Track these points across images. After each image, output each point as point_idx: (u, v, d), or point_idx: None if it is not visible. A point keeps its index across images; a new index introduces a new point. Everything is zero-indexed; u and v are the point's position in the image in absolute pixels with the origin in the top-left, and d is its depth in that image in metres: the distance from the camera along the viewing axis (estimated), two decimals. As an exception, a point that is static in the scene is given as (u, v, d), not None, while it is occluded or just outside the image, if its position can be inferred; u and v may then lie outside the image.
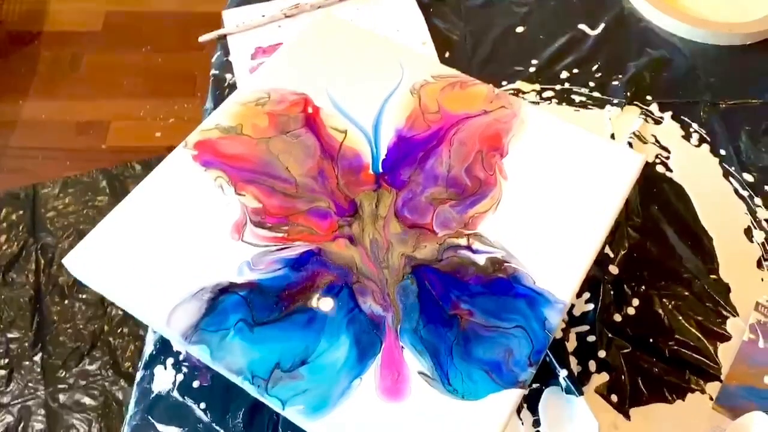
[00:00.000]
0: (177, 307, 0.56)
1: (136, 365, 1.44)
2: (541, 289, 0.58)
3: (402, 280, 0.58)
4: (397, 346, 0.55)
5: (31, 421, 1.39)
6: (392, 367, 0.54)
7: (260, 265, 0.59)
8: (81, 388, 1.42)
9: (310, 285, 0.58)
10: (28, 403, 1.41)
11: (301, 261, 0.59)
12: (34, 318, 1.51)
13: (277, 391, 0.53)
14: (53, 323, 1.50)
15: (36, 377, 1.44)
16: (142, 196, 0.63)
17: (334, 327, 0.56)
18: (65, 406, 1.41)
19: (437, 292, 0.57)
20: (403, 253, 0.59)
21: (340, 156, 0.65)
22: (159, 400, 0.66)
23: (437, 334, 0.55)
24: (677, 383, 0.67)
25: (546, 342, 0.55)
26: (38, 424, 1.39)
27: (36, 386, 1.43)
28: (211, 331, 0.55)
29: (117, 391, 1.41)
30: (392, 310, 0.56)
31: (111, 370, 1.44)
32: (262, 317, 0.56)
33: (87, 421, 1.39)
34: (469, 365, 0.54)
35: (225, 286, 0.57)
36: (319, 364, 0.54)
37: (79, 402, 1.41)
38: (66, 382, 1.44)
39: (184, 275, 0.58)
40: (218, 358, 0.54)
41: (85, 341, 1.48)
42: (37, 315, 1.51)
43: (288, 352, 0.54)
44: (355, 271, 0.59)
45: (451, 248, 0.60)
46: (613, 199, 0.63)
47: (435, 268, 0.59)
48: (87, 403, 1.41)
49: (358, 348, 0.55)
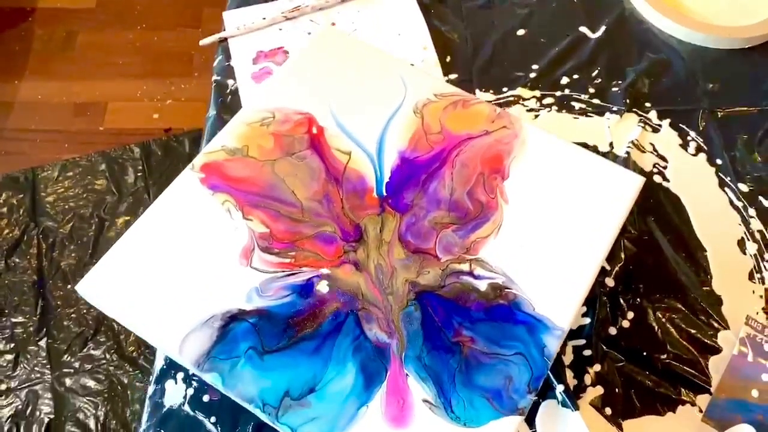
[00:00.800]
0: (189, 335, 0.58)
1: (139, 350, 1.48)
2: (541, 315, 0.60)
3: (406, 307, 0.60)
4: (401, 373, 0.57)
5: (38, 405, 1.42)
6: (397, 395, 0.56)
7: (269, 291, 0.60)
8: (86, 372, 1.46)
9: (317, 312, 0.60)
10: (35, 387, 1.44)
11: (308, 287, 0.61)
12: (38, 303, 1.53)
13: (288, 418, 0.55)
14: (57, 308, 1.53)
15: (42, 361, 1.47)
16: (151, 220, 0.64)
17: (340, 355, 0.58)
18: (72, 390, 1.44)
19: (440, 319, 0.59)
20: (407, 279, 0.61)
21: (344, 179, 0.66)
22: (171, 415, 0.68)
23: (440, 361, 0.58)
24: (668, 395, 0.69)
25: (545, 369, 0.58)
26: (46, 407, 1.42)
27: (42, 370, 1.46)
28: (223, 359, 0.57)
29: (122, 375, 1.44)
30: (397, 338, 0.59)
31: (115, 355, 1.47)
32: (272, 345, 0.58)
33: (93, 404, 1.42)
34: (471, 392, 0.56)
35: (235, 314, 0.59)
36: (327, 392, 0.56)
37: (85, 386, 1.44)
38: (71, 366, 1.47)
39: (194, 302, 0.60)
40: (230, 386, 0.56)
41: (89, 326, 1.51)
42: (40, 300, 1.54)
43: (297, 380, 0.57)
44: (361, 298, 0.60)
45: (453, 274, 0.62)
46: (612, 222, 0.65)
47: (438, 294, 0.61)
48: (93, 387, 1.44)
49: (364, 375, 0.57)
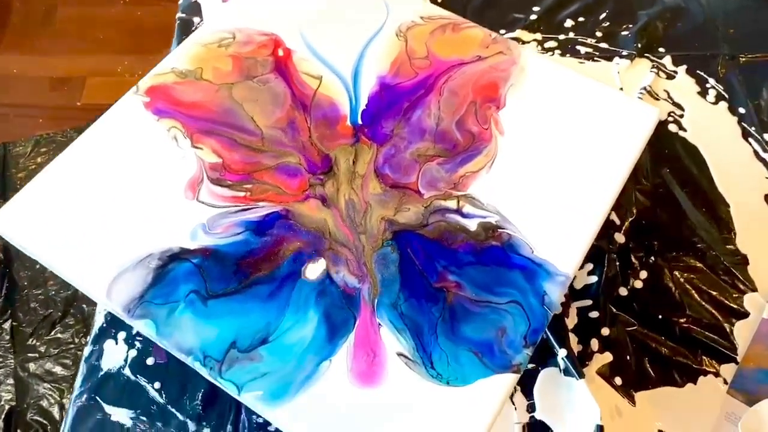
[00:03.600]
0: (119, 276, 0.49)
1: (110, 334, 1.38)
2: (541, 259, 0.50)
3: (381, 248, 0.50)
4: (373, 323, 0.47)
5: (-1, 391, 1.32)
6: (367, 348, 0.47)
7: (217, 228, 0.51)
8: (52, 357, 1.35)
9: (275, 252, 0.50)
10: (-4, 372, 1.34)
11: (265, 224, 0.51)
12: (3, 283, 1.43)
13: (233, 374, 0.45)
14: (23, 289, 1.43)
15: (4, 345, 1.37)
16: (84, 148, 0.54)
17: (300, 301, 0.48)
18: (35, 376, 1.34)
19: (421, 262, 0.50)
20: (383, 217, 0.52)
21: (313, 105, 0.57)
22: (108, 379, 0.59)
23: (420, 310, 0.48)
24: (688, 365, 0.60)
25: (545, 320, 0.48)
26: (6, 394, 1.32)
27: (5, 355, 1.36)
28: (158, 303, 0.48)
29: (90, 361, 1.34)
30: (369, 282, 0.49)
31: (84, 339, 1.37)
32: (218, 289, 0.48)
33: (58, 390, 1.32)
34: (456, 346, 0.47)
35: (175, 253, 0.50)
36: (282, 343, 0.47)
37: (51, 371, 1.34)
38: (37, 350, 1.37)
39: (129, 239, 0.50)
40: (165, 335, 0.47)
41: (57, 308, 1.41)
42: (6, 280, 1.44)
43: (246, 329, 0.47)
44: (328, 237, 0.51)
45: (438, 211, 0.52)
46: (624, 160, 0.55)
47: (419, 234, 0.51)
48: (58, 373, 1.34)
49: (327, 325, 0.47)
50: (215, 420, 0.57)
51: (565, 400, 0.58)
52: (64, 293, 1.46)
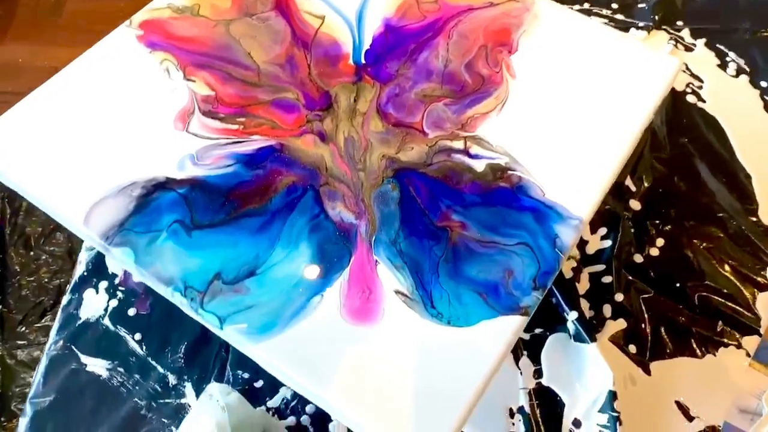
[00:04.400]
0: (99, 203, 0.45)
1: (102, 323, 1.34)
2: (552, 202, 0.46)
3: (381, 185, 0.47)
4: (369, 259, 0.44)
5: (-16, 378, 1.28)
6: (362, 284, 0.43)
7: (207, 159, 0.48)
8: (41, 346, 1.31)
9: (267, 186, 0.47)
10: (-17, 358, 1.30)
11: (257, 158, 0.48)
12: (-5, 269, 1.40)
13: (216, 306, 0.42)
14: (15, 275, 1.39)
15: (-7, 331, 1.33)
16: (71, 76, 0.52)
17: (292, 234, 0.45)
18: (23, 363, 1.29)
19: (423, 201, 0.46)
20: (384, 155, 0.48)
21: (314, 43, 0.54)
22: (86, 329, 0.55)
23: (421, 248, 0.44)
24: (707, 335, 0.56)
25: (556, 263, 0.44)
26: (-8, 382, 1.28)
27: (-7, 341, 1.32)
28: (139, 232, 0.44)
29: (80, 350, 1.30)
30: (366, 218, 0.45)
31: (75, 328, 1.33)
32: (204, 219, 0.45)
33: (45, 380, 1.27)
34: (458, 286, 0.43)
35: (160, 182, 0.46)
36: (271, 276, 0.43)
37: (39, 359, 1.30)
38: (26, 338, 1.33)
39: (112, 168, 0.47)
40: (145, 263, 0.43)
41: (49, 296, 1.37)
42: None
43: (233, 260, 0.43)
44: (324, 173, 0.47)
45: (443, 151, 0.49)
46: (643, 108, 0.52)
47: (422, 172, 0.48)
48: (46, 362, 1.30)
49: (321, 259, 0.44)
50: (198, 374, 0.53)
51: (575, 367, 0.54)
52: (56, 280, 1.42)
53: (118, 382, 0.53)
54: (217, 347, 0.54)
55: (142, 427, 0.51)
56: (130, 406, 0.52)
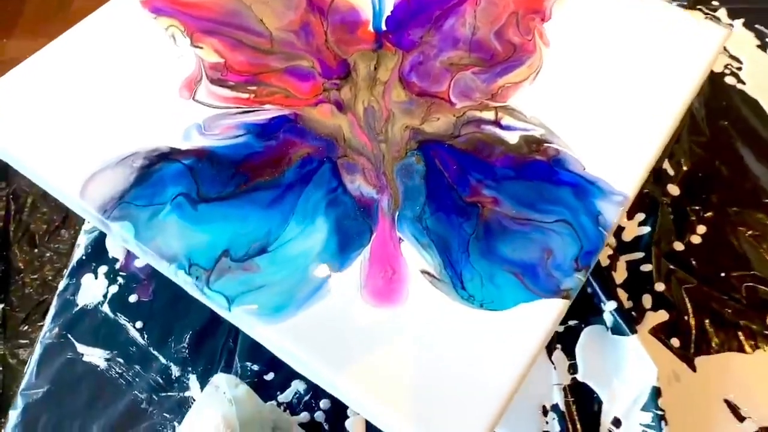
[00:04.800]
0: (97, 174, 0.41)
1: (106, 322, 1.30)
2: (594, 176, 0.42)
3: (404, 158, 0.43)
4: (393, 237, 0.40)
5: (-15, 378, 1.24)
6: (385, 263, 0.39)
7: (215, 129, 0.44)
8: (44, 345, 1.28)
9: (280, 157, 0.43)
10: (-16, 357, 1.26)
11: (270, 128, 0.44)
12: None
13: (223, 285, 0.38)
14: (19, 272, 1.36)
15: (-5, 330, 1.29)
16: (70, 42, 0.48)
17: (308, 209, 0.40)
18: (25, 363, 1.26)
19: (451, 174, 0.42)
20: (407, 126, 0.44)
21: (331, 9, 0.50)
22: (83, 316, 0.51)
23: (449, 225, 0.40)
24: (756, 330, 0.51)
25: (599, 242, 0.40)
26: (-7, 381, 1.24)
27: (-5, 340, 1.28)
28: (140, 205, 0.40)
29: (83, 350, 1.26)
30: (389, 193, 0.41)
31: (78, 327, 1.29)
32: (211, 192, 0.41)
33: (47, 380, 1.24)
34: (492, 265, 0.39)
35: (164, 152, 0.42)
36: (284, 254, 0.39)
37: (40, 358, 1.26)
38: (28, 337, 1.29)
39: (112, 137, 0.43)
40: (145, 238, 0.39)
41: (53, 294, 1.33)
42: (2, 263, 1.37)
43: (242, 236, 0.39)
44: (342, 144, 0.43)
45: (472, 122, 0.45)
46: (689, 78, 0.47)
47: (450, 145, 0.44)
48: (49, 361, 1.26)
49: (339, 236, 0.39)
50: (203, 365, 0.49)
51: (613, 362, 0.49)
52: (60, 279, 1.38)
53: (116, 373, 0.49)
54: (224, 337, 0.50)
55: (142, 422, 0.47)
56: (129, 399, 0.48)
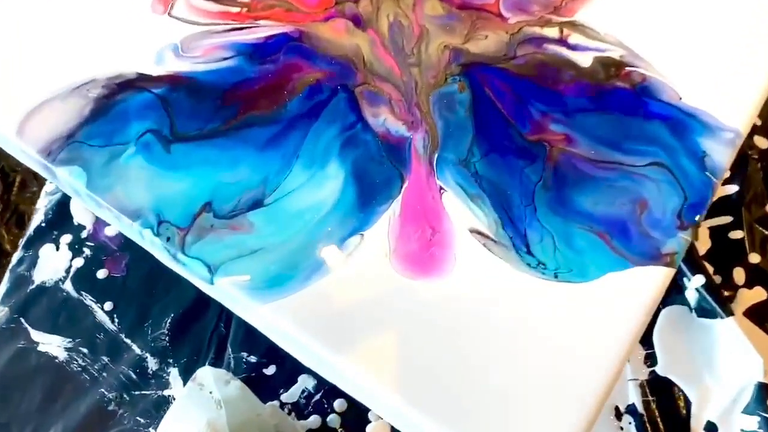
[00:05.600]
0: (42, 106, 0.31)
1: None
2: (693, 108, 0.32)
3: (444, 85, 0.33)
4: (431, 186, 0.29)
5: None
6: (422, 220, 0.29)
7: (195, 50, 0.33)
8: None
9: (280, 85, 0.32)
10: (-31, 344, 1.17)
11: (267, 48, 0.34)
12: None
13: (203, 249, 0.28)
14: (7, 255, 1.27)
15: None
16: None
17: (317, 150, 0.30)
18: (13, 351, 1.17)
19: (507, 106, 0.32)
20: (446, 45, 0.34)
21: None
22: (40, 295, 0.41)
23: (507, 170, 0.30)
24: None
25: (708, 191, 0.30)
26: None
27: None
28: (96, 145, 0.30)
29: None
30: (424, 129, 0.31)
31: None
32: (189, 129, 0.31)
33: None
34: (567, 222, 0.29)
35: (129, 79, 0.32)
36: (285, 207, 0.29)
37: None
38: (17, 323, 1.20)
39: (64, 60, 0.33)
40: (101, 188, 0.29)
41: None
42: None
43: (230, 185, 0.29)
44: (362, 68, 0.33)
45: (531, 41, 0.34)
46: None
47: (503, 68, 0.33)
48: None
49: (359, 185, 0.29)
50: (187, 356, 0.39)
51: (701, 351, 0.39)
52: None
53: (79, 366, 0.39)
54: (213, 321, 0.40)
55: (109, 427, 0.37)
56: (95, 398, 0.38)
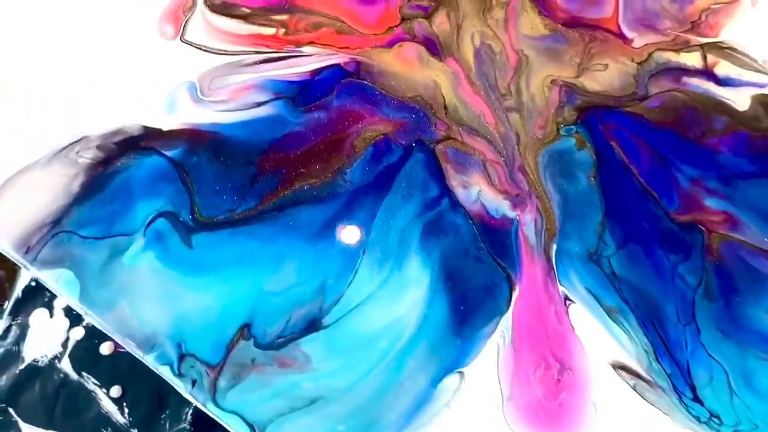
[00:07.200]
0: (14, 179, 0.23)
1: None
2: None
3: (556, 139, 0.24)
4: (553, 294, 0.21)
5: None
6: (544, 350, 0.21)
7: (219, 91, 0.25)
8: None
9: (335, 141, 0.24)
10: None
11: (316, 87, 0.25)
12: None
13: (241, 399, 0.20)
14: None
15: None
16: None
17: (391, 240, 0.22)
18: None
19: (644, 169, 0.24)
20: (553, 79, 0.25)
21: None
22: (32, 378, 0.34)
23: (654, 268, 0.22)
24: None
25: None
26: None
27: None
28: (90, 237, 0.22)
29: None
30: (535, 206, 0.23)
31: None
32: (217, 210, 0.23)
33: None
34: (744, 350, 0.21)
35: (132, 136, 0.24)
36: (353, 329, 0.21)
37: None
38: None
39: (45, 110, 0.24)
40: (98, 302, 0.21)
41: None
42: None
43: (274, 295, 0.21)
44: (442, 115, 0.25)
45: (666, 73, 0.26)
46: None
47: (633, 113, 0.25)
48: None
49: (453, 295, 0.21)
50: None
51: None
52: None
53: (82, 471, 0.32)
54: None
55: None
56: None
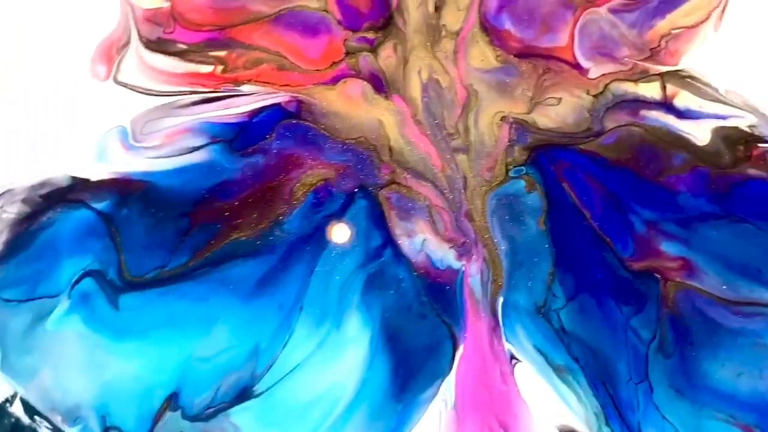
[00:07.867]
0: (-67, 238, 0.22)
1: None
2: None
3: (504, 181, 0.23)
4: (498, 352, 0.20)
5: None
6: (487, 415, 0.20)
7: (152, 137, 0.24)
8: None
9: (273, 189, 0.23)
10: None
11: (254, 130, 0.24)
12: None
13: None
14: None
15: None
16: None
17: (329, 297, 0.21)
18: None
19: (596, 212, 0.22)
20: (503, 116, 0.24)
21: None
22: None
23: (606, 321, 0.21)
24: None
25: None
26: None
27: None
28: (12, 300, 0.21)
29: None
30: (481, 256, 0.22)
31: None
32: (145, 267, 0.22)
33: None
34: (698, 409, 0.20)
35: (58, 188, 0.23)
36: (287, 398, 0.20)
37: None
38: None
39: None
40: (19, 370, 0.20)
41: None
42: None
43: (203, 362, 0.20)
44: (386, 157, 0.23)
45: (622, 105, 0.24)
46: None
47: (587, 151, 0.23)
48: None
49: (394, 356, 0.20)
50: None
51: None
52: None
53: None
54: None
55: None
56: None
